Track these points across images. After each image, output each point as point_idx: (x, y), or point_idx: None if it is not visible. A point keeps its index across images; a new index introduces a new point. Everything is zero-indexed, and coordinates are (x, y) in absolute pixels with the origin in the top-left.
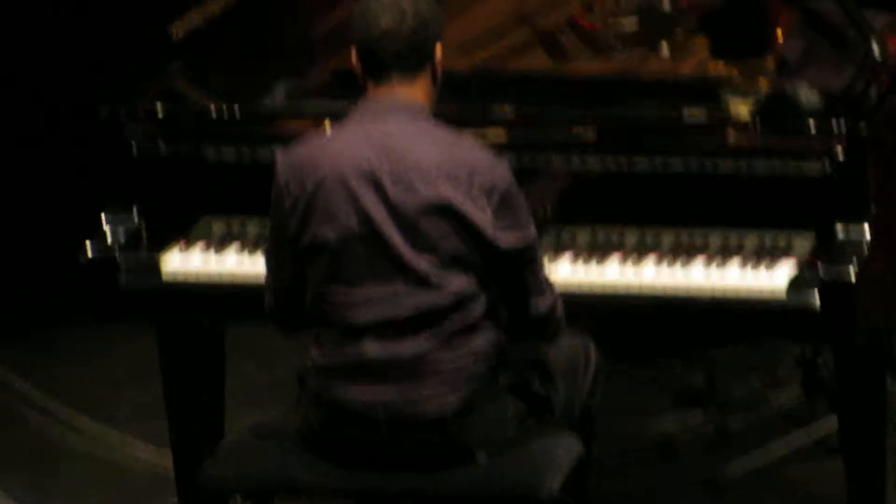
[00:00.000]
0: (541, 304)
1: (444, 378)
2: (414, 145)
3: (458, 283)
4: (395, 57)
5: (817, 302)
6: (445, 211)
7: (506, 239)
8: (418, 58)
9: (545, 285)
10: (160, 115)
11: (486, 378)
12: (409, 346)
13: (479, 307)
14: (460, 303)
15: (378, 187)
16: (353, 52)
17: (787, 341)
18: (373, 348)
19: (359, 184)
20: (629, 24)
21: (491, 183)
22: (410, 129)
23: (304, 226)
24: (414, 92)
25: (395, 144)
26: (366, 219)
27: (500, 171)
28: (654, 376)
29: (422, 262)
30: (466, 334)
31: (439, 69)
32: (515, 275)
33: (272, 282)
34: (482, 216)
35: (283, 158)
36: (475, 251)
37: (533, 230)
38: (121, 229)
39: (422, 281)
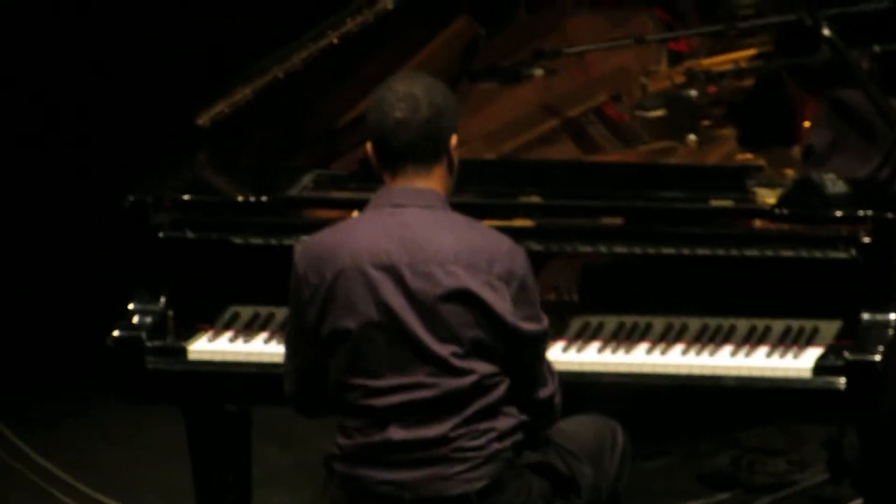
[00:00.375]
0: (545, 391)
1: (468, 457)
2: (432, 235)
3: (480, 368)
4: (409, 147)
5: (843, 383)
6: (465, 298)
7: (525, 326)
8: (433, 148)
9: (550, 373)
10: (187, 204)
11: (509, 457)
12: (433, 430)
13: (500, 391)
14: (482, 387)
15: (398, 279)
16: (369, 144)
17: (812, 423)
18: (397, 432)
19: (378, 275)
20: (656, 114)
21: (510, 270)
22: (428, 218)
23: (323, 315)
24: (430, 182)
25: (414, 235)
26: (386, 309)
27: (518, 258)
28: (681, 459)
29: (443, 351)
30: (489, 417)
31: (455, 159)
32: (527, 361)
33: (292, 368)
34: (502, 303)
35: (302, 249)
36: (496, 338)
37: (546, 318)
38: (148, 318)
39: (444, 368)
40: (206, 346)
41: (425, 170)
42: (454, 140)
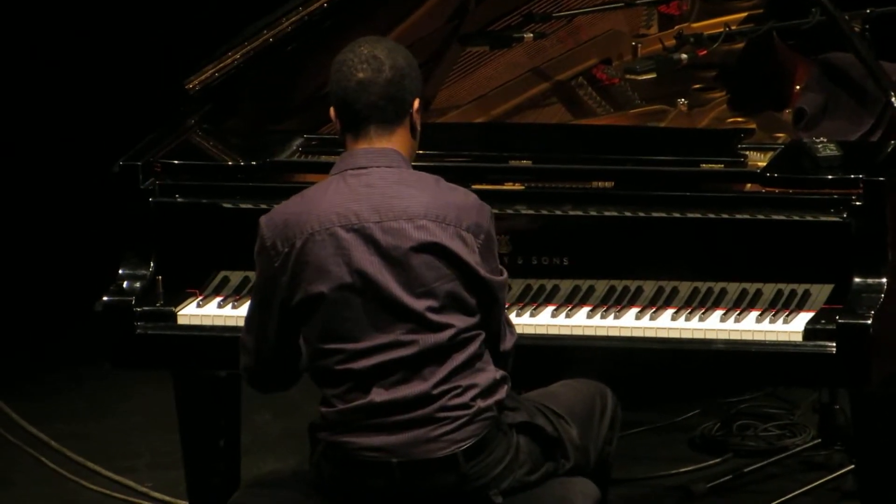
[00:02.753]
0: (506, 344)
1: (453, 416)
2: (399, 192)
3: (457, 322)
4: (371, 108)
5: (833, 347)
6: (437, 251)
7: (494, 277)
8: (395, 109)
9: (509, 325)
10: (177, 169)
11: (495, 415)
12: (414, 388)
13: (476, 344)
14: (460, 341)
15: (368, 238)
16: (332, 109)
17: (803, 387)
18: (379, 394)
19: (349, 236)
20: (647, 77)
21: (478, 223)
22: (392, 177)
23: (295, 282)
24: (392, 144)
25: (381, 194)
26: (359, 270)
27: (484, 212)
28: (672, 424)
29: (419, 305)
30: (469, 372)
31: (418, 123)
32: (495, 314)
33: (253, 343)
34: (472, 255)
35: (266, 219)
36: (469, 290)
37: (505, 271)
38: (137, 283)
39: (421, 323)
40: (196, 311)
41: (388, 131)
42: (416, 104)
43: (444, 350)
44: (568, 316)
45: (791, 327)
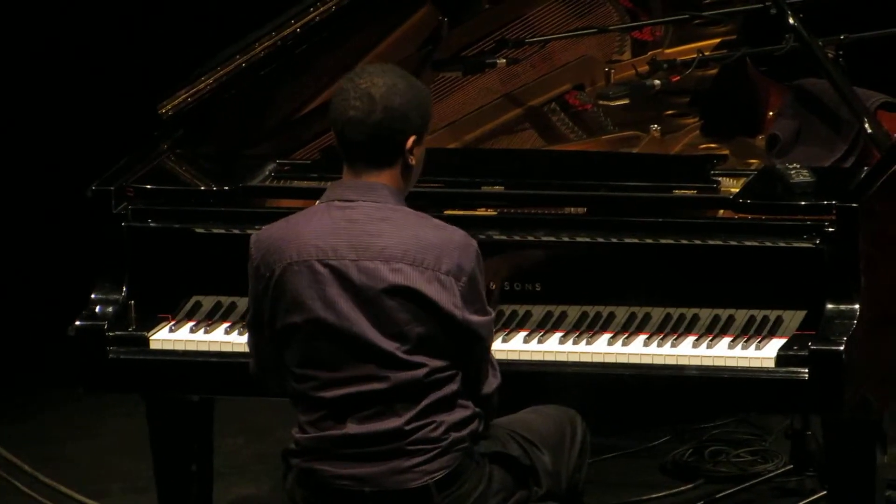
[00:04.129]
0: (489, 387)
1: (426, 448)
2: (380, 231)
3: (430, 362)
4: (359, 147)
5: (806, 373)
6: (410, 295)
7: (475, 319)
8: (383, 150)
9: (493, 367)
10: (149, 194)
11: (468, 446)
12: (388, 423)
13: (454, 385)
14: (435, 380)
15: (343, 276)
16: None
17: (776, 413)
18: (352, 426)
19: (324, 272)
20: (620, 103)
21: (459, 265)
22: (376, 214)
23: (274, 309)
24: (381, 178)
25: (361, 232)
26: (331, 306)
27: (468, 252)
28: (644, 450)
29: (389, 346)
30: (445, 410)
31: (412, 161)
32: (477, 356)
33: (253, 350)
34: (451, 299)
35: (255, 240)
36: (444, 333)
37: (491, 310)
38: (110, 307)
39: (392, 362)
40: (168, 336)
41: (376, 169)
42: (411, 142)
43: (420, 387)
44: (540, 342)
45: (763, 353)
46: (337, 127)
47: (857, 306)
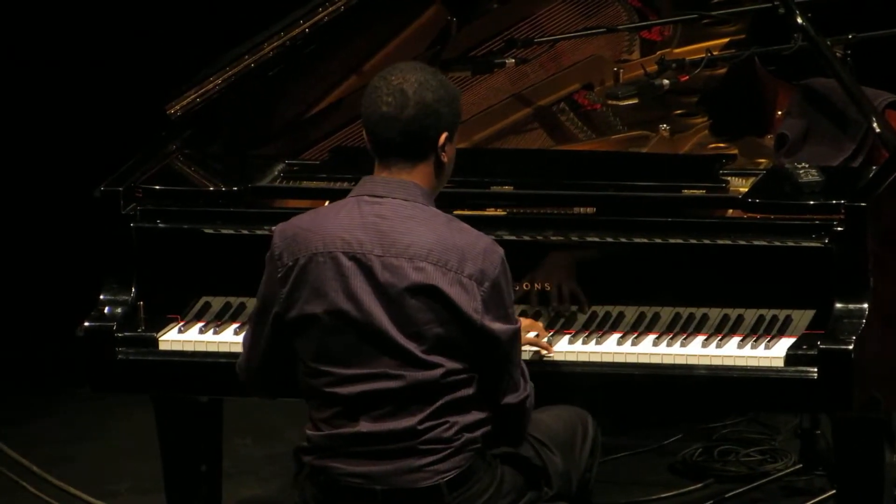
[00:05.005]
0: (515, 397)
1: (438, 448)
2: (407, 229)
3: (447, 364)
4: (391, 143)
5: (815, 372)
6: (431, 294)
7: (495, 326)
8: (416, 146)
9: (523, 378)
10: (158, 195)
11: (480, 447)
12: (401, 422)
13: (471, 388)
14: (451, 382)
15: (367, 270)
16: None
17: (785, 413)
18: (365, 424)
19: (349, 264)
20: (629, 103)
21: (482, 270)
22: (405, 212)
23: (292, 297)
24: (412, 176)
25: (389, 228)
26: (354, 299)
27: (492, 259)
28: (653, 449)
29: (408, 344)
30: (459, 412)
31: (445, 158)
32: (497, 362)
33: (248, 342)
34: (471, 302)
35: (280, 229)
36: (463, 336)
37: (518, 320)
38: (119, 308)
39: (409, 360)
40: (177, 337)
41: (409, 164)
42: (444, 139)
43: (435, 388)
44: (550, 342)
45: (772, 353)
46: (369, 124)
47: (865, 305)
